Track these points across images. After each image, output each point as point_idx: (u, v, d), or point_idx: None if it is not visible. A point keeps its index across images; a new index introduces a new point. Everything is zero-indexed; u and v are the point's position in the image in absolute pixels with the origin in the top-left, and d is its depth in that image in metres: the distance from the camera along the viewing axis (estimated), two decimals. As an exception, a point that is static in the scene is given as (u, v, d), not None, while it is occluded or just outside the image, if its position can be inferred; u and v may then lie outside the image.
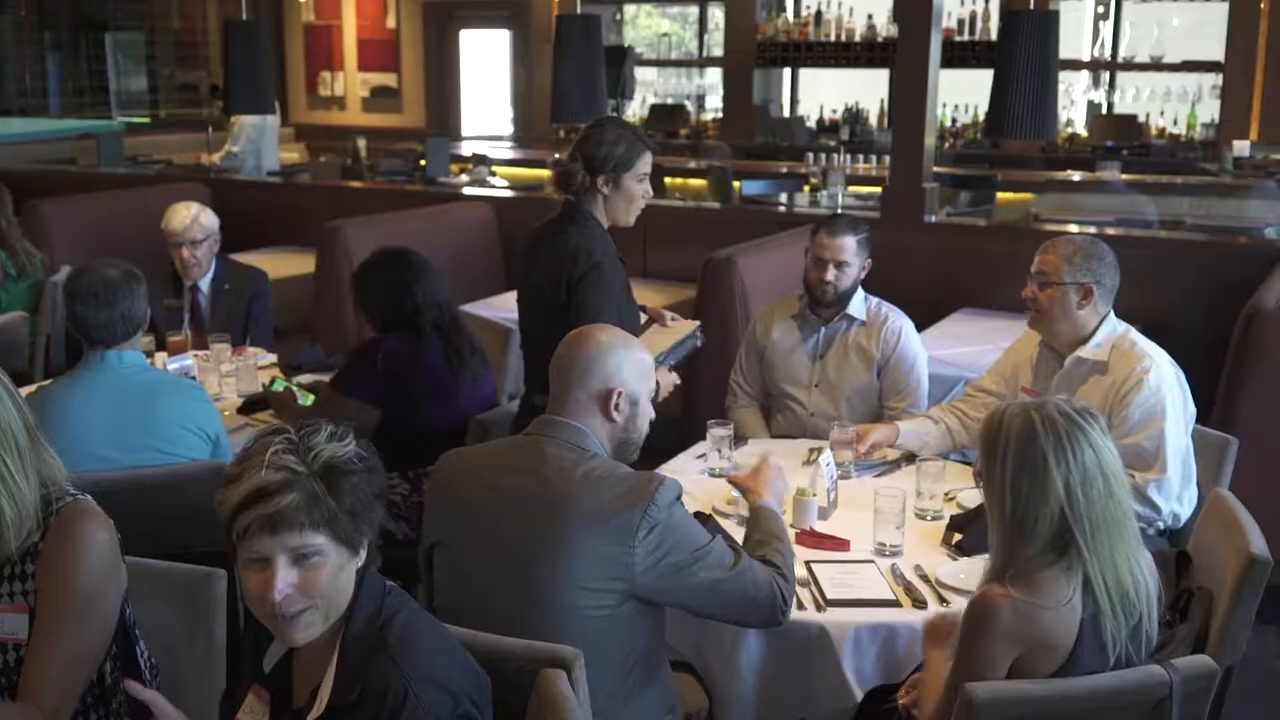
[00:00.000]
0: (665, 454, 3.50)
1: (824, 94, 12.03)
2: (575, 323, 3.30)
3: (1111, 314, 3.40)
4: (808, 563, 2.82)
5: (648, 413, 2.55)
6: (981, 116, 10.76)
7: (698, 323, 3.71)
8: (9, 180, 6.08)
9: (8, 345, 5.00)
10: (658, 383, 2.71)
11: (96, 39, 13.22)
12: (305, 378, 4.19)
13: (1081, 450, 2.20)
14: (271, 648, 1.95)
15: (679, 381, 3.50)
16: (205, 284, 4.85)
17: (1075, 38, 10.80)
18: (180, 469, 3.19)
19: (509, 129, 12.49)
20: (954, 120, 11.00)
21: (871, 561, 2.86)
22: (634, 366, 2.51)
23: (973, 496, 3.13)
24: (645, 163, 3.46)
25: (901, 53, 5.63)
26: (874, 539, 2.93)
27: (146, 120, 12.75)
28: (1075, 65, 10.73)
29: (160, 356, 4.37)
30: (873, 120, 11.40)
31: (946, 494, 3.20)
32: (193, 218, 4.76)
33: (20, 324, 5.26)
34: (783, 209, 7.47)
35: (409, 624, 1.88)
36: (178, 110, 13.22)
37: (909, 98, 5.57)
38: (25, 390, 2.32)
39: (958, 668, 2.26)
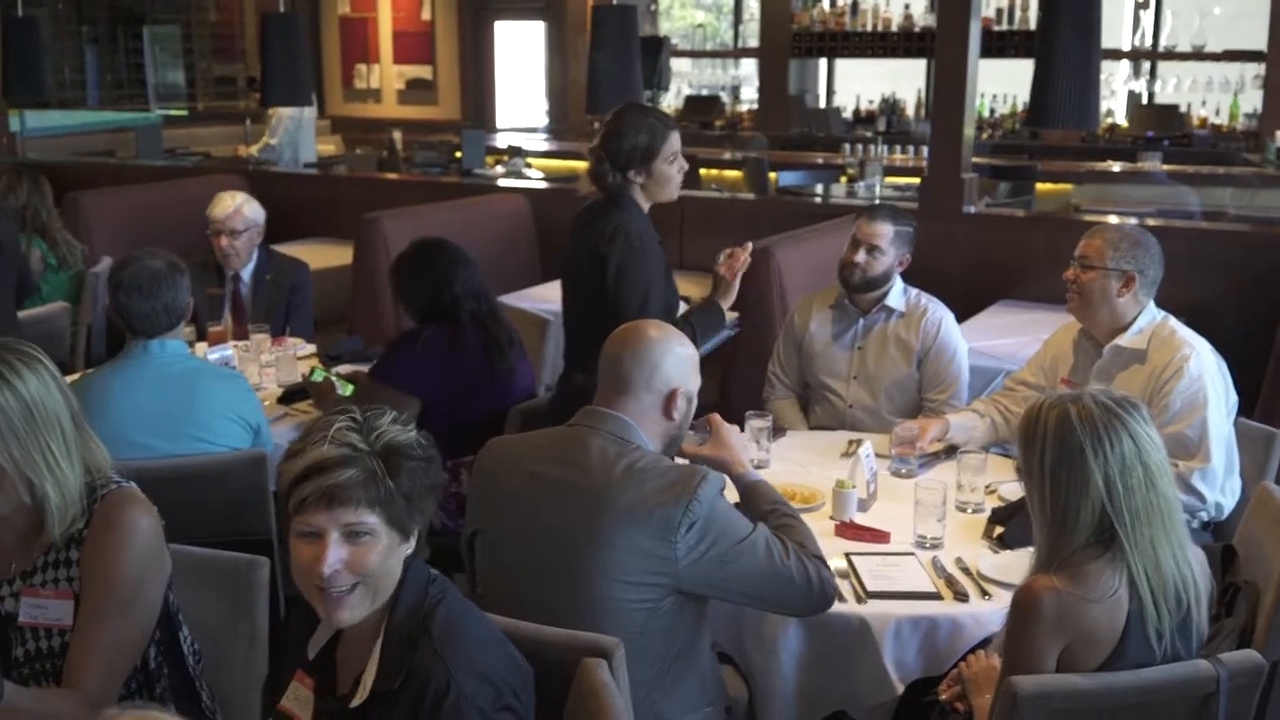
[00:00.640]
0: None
1: (860, 84, 11.98)
2: (615, 303, 3.35)
3: (1152, 304, 3.37)
4: (848, 555, 2.80)
5: (694, 408, 2.55)
6: (1020, 106, 10.70)
7: (735, 314, 3.71)
8: (49, 172, 6.13)
9: (49, 335, 5.05)
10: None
11: (134, 32, 13.32)
12: (344, 368, 4.20)
13: (1119, 441, 2.18)
14: (316, 634, 1.96)
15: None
16: (247, 274, 4.89)
17: (1116, 27, 10.70)
18: (222, 458, 3.21)
19: (543, 121, 12.49)
20: (992, 110, 10.93)
21: (912, 554, 2.84)
22: (689, 365, 2.53)
23: (1014, 489, 3.11)
24: (672, 144, 3.47)
25: (940, 42, 5.59)
26: (914, 531, 2.91)
27: (184, 113, 12.83)
28: (1116, 55, 10.64)
29: (201, 346, 4.40)
30: (909, 111, 11.34)
31: (988, 487, 3.18)
32: (235, 208, 4.80)
33: (62, 314, 5.31)
34: (819, 200, 7.43)
35: (453, 613, 1.88)
36: (215, 103, 13.31)
37: (948, 87, 5.51)
38: (69, 379, 2.33)
39: (1006, 662, 2.25)
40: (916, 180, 6.57)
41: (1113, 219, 5.79)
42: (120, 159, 8.84)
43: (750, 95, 12.55)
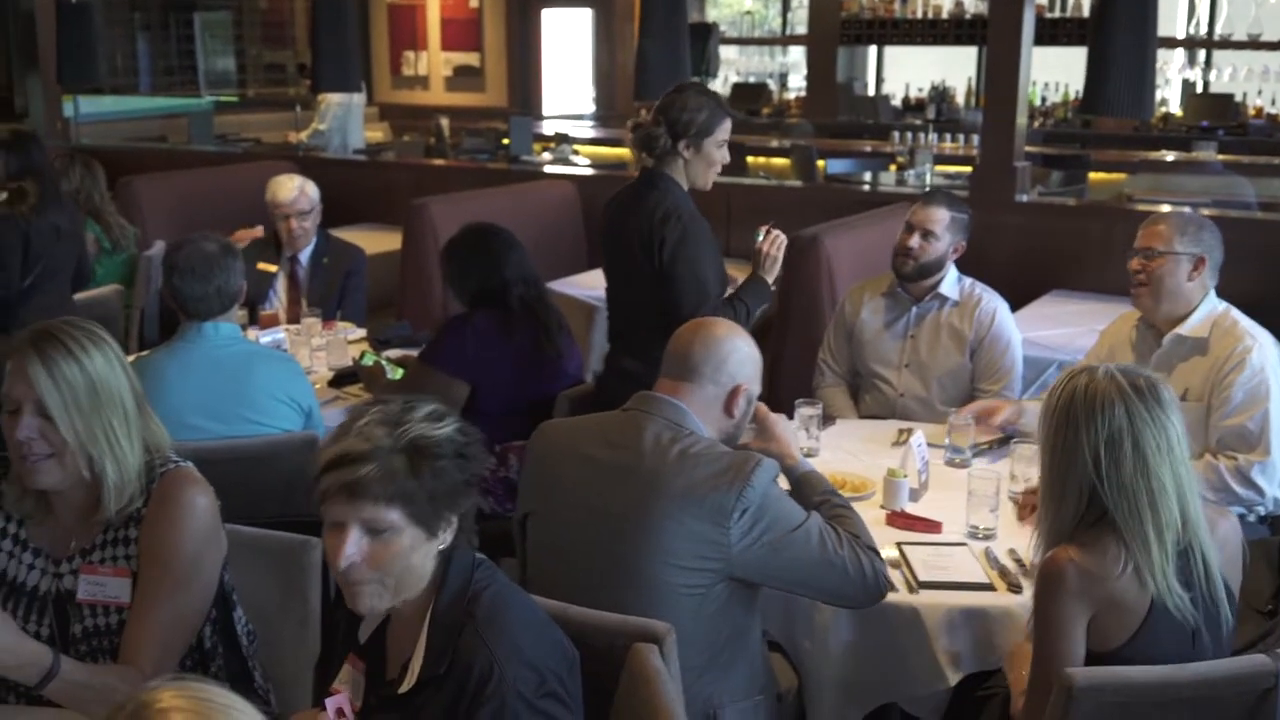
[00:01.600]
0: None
1: (909, 72, 11.88)
2: (670, 285, 3.41)
3: (1213, 293, 3.34)
4: (899, 544, 2.78)
5: (751, 411, 2.56)
6: (1072, 95, 10.57)
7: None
8: (102, 157, 6.19)
9: (103, 318, 5.07)
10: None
11: (185, 19, 13.40)
12: (393, 352, 4.23)
13: (1111, 417, 2.18)
14: (366, 619, 1.97)
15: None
16: (305, 256, 4.92)
17: (1170, 14, 10.54)
18: (274, 439, 3.24)
19: (590, 108, 12.48)
20: (1044, 99, 10.80)
21: (964, 544, 2.81)
22: (755, 366, 2.54)
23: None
24: (725, 129, 3.53)
25: (993, 29, 5.53)
26: (967, 522, 2.88)
27: (234, 99, 12.93)
28: (1170, 43, 10.47)
29: (253, 331, 4.43)
30: (959, 99, 11.23)
31: (1041, 477, 3.13)
32: (299, 190, 4.84)
33: (115, 297, 5.37)
34: (867, 188, 7.38)
35: (497, 599, 1.87)
36: (265, 89, 13.39)
37: (1001, 75, 5.45)
38: (124, 360, 2.35)
39: (1037, 636, 2.25)
40: (967, 169, 6.51)
41: (1165, 208, 5.71)
42: (172, 144, 8.92)
43: (797, 83, 12.48)
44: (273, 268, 4.87)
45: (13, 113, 9.67)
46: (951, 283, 3.83)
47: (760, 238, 3.60)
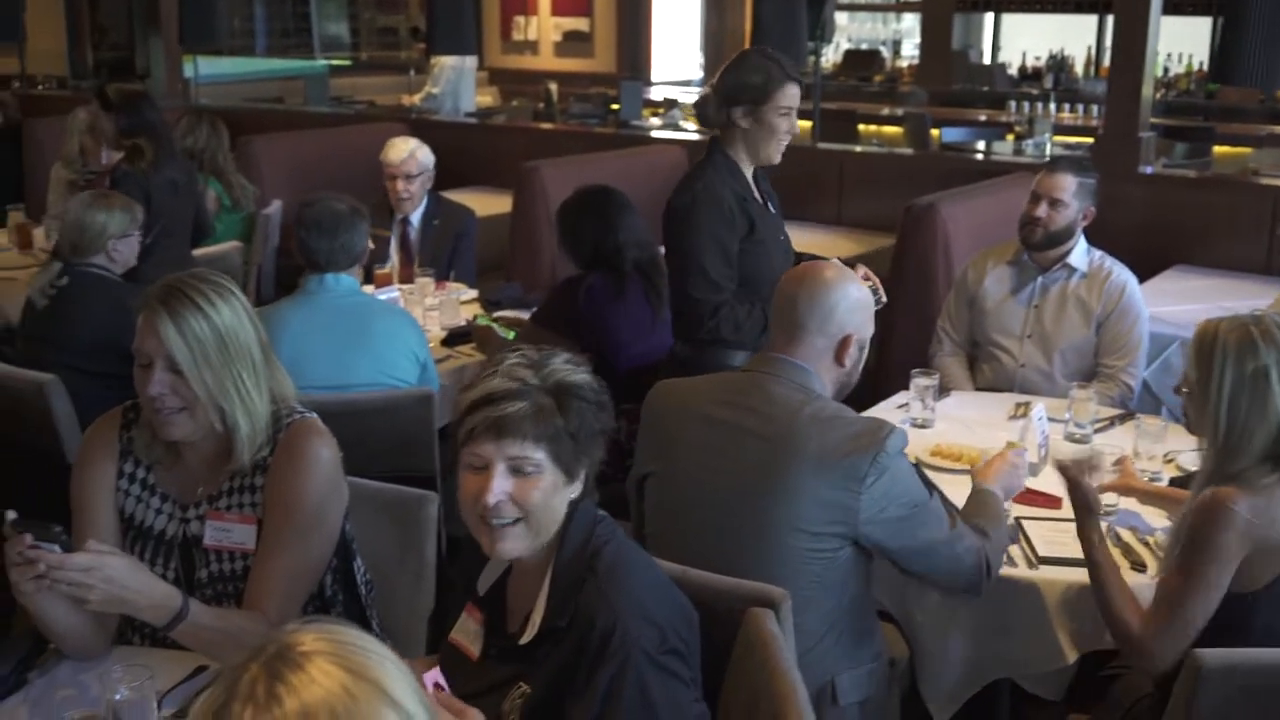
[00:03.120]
0: (860, 404, 3.41)
1: (1026, 40, 11.60)
2: (671, 265, 3.30)
3: None
4: (1018, 519, 2.73)
5: (864, 356, 2.50)
6: (1196, 66, 10.24)
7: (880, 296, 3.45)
8: (223, 117, 6.30)
9: (223, 273, 5.20)
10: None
11: (300, -18, 13.61)
12: (505, 314, 4.25)
13: None
14: (485, 570, 1.98)
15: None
16: (416, 218, 4.98)
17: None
18: (391, 395, 3.28)
19: (697, 74, 12.40)
20: (1165, 70, 10.47)
21: (1085, 520, 2.74)
22: (864, 310, 2.47)
23: (1193, 459, 2.98)
24: (786, 95, 3.28)
25: (1121, -5, 5.36)
26: (1088, 498, 2.81)
27: (348, 63, 13.09)
28: (1301, 12, 10.08)
29: (368, 289, 4.49)
30: (1078, 68, 10.95)
31: (1165, 455, 3.05)
32: (410, 152, 4.90)
33: (235, 253, 5.48)
34: (982, 156, 7.23)
35: (619, 554, 1.88)
36: (377, 53, 13.54)
37: (1127, 42, 5.28)
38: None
39: (1189, 564, 2.20)
40: (1087, 139, 6.35)
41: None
42: (289, 106, 9.05)
43: (911, 50, 12.27)
44: (384, 233, 4.93)
45: (134, 73, 9.91)
46: (1080, 254, 3.73)
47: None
